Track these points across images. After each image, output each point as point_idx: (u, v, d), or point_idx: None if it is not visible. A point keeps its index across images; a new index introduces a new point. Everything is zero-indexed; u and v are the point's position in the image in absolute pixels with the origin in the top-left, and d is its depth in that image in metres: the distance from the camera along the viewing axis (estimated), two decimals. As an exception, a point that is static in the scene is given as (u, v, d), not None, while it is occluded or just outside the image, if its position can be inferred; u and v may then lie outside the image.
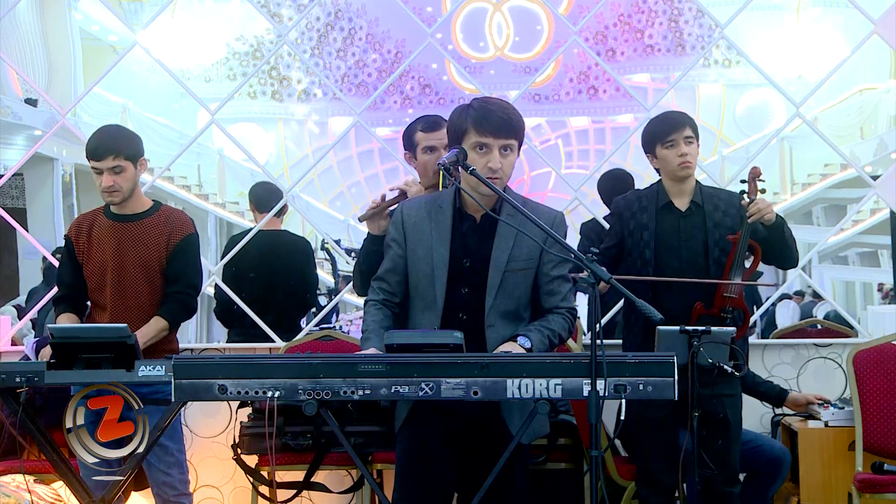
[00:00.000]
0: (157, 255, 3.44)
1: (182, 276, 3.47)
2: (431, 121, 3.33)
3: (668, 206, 3.47)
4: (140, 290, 3.43)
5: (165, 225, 3.47)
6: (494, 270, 2.75)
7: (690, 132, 3.46)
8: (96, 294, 3.48)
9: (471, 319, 2.75)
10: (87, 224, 3.51)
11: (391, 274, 2.85)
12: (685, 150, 3.43)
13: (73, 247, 3.51)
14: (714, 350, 3.12)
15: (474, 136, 2.71)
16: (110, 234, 3.46)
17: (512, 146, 2.74)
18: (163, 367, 2.87)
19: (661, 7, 14.25)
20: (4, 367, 2.91)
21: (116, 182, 3.40)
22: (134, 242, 3.44)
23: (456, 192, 2.81)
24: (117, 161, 3.40)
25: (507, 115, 2.72)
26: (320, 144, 14.66)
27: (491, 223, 2.78)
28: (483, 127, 2.71)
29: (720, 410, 3.35)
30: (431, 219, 2.82)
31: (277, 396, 2.56)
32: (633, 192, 3.64)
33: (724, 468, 3.37)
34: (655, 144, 3.48)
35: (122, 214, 3.49)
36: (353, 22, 14.46)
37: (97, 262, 3.46)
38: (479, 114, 2.72)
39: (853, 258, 16.35)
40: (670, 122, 3.49)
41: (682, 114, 3.56)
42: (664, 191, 3.50)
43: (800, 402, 4.05)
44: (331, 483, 4.05)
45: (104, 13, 13.21)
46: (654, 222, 3.44)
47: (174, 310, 3.45)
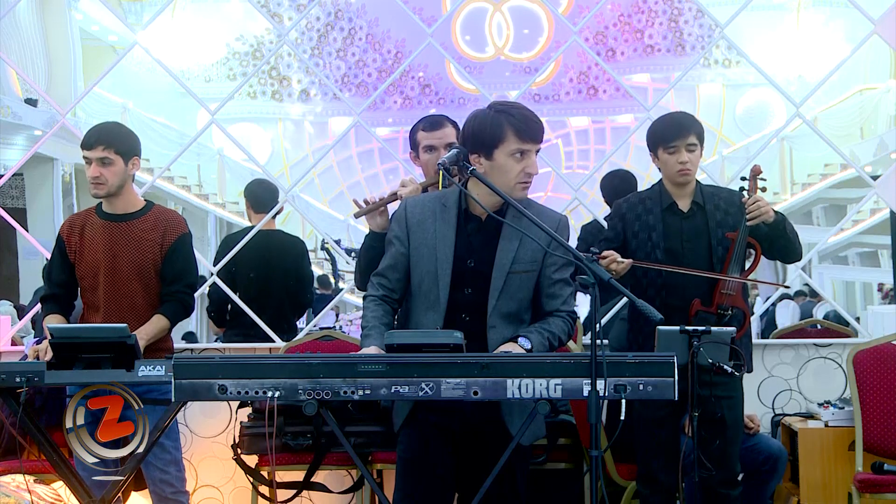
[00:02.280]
0: (150, 256, 3.44)
1: (180, 276, 3.48)
2: (433, 120, 3.33)
3: (671, 207, 3.47)
4: (133, 290, 3.43)
5: (158, 225, 3.47)
6: (498, 272, 2.76)
7: (694, 139, 3.42)
8: (89, 294, 3.47)
9: (473, 320, 2.75)
10: (80, 223, 3.50)
11: (392, 271, 2.85)
12: (686, 157, 3.40)
13: (64, 245, 3.50)
14: (714, 350, 3.12)
15: (514, 143, 2.71)
16: (102, 234, 3.45)
17: (538, 148, 2.78)
18: (163, 367, 2.88)
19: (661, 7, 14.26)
20: (4, 367, 2.91)
21: (103, 174, 3.40)
22: (126, 242, 3.44)
23: (461, 191, 2.82)
24: (106, 153, 3.40)
25: (538, 119, 2.77)
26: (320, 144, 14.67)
27: (496, 224, 2.78)
28: (526, 134, 2.72)
29: (717, 411, 3.35)
30: (436, 218, 2.82)
31: (277, 396, 2.56)
32: (634, 195, 3.62)
33: (723, 469, 3.36)
34: (658, 146, 3.47)
35: (115, 214, 3.48)
36: (353, 22, 14.46)
37: (90, 262, 3.45)
38: (520, 122, 2.72)
39: (853, 258, 16.35)
40: (674, 127, 3.45)
41: (689, 119, 3.51)
42: (667, 192, 3.49)
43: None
44: (331, 483, 4.05)
45: (104, 13, 13.22)
46: (661, 223, 3.44)
47: (174, 309, 3.46)
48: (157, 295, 3.46)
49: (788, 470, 4.04)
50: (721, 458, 3.35)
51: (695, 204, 3.47)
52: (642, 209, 3.48)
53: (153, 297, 3.46)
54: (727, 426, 3.38)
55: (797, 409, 4.37)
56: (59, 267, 3.51)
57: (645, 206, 3.49)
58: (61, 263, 3.50)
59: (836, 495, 3.92)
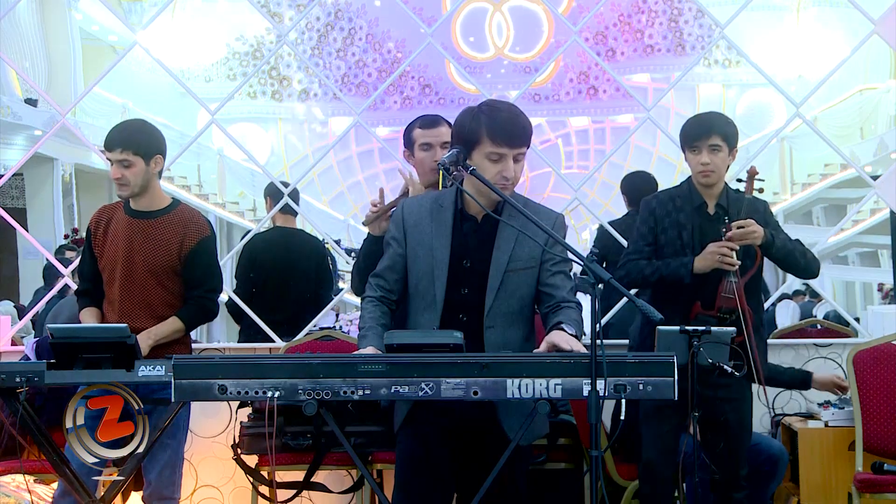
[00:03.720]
0: (167, 256, 3.43)
1: (201, 281, 3.47)
2: (430, 119, 3.33)
3: (701, 206, 3.45)
4: (148, 287, 3.43)
5: (179, 226, 3.46)
6: (495, 271, 2.75)
7: (718, 140, 3.36)
8: (108, 288, 3.49)
9: (470, 320, 2.75)
10: (107, 217, 3.53)
11: (389, 272, 2.85)
12: (707, 158, 3.36)
13: (91, 238, 3.53)
14: (714, 350, 3.12)
15: (489, 146, 2.68)
16: (125, 229, 3.47)
17: (524, 153, 2.73)
18: (163, 367, 2.87)
19: (661, 7, 14.27)
20: (4, 367, 2.91)
21: (124, 175, 3.42)
22: (145, 239, 3.44)
23: (457, 191, 2.81)
24: (125, 155, 3.41)
25: (521, 123, 2.70)
26: (320, 144, 14.68)
27: (492, 224, 2.77)
28: (499, 138, 2.67)
29: (721, 413, 3.34)
30: (433, 218, 2.81)
31: (277, 396, 2.56)
32: (664, 192, 3.59)
33: (727, 472, 3.36)
34: (684, 145, 3.44)
35: (139, 211, 3.49)
36: (353, 22, 14.47)
37: (110, 256, 3.47)
38: (495, 124, 2.68)
39: (853, 258, 16.37)
40: (698, 126, 3.41)
41: (715, 118, 3.44)
42: (697, 191, 3.46)
43: (826, 381, 3.97)
44: (331, 483, 4.04)
45: (104, 13, 13.23)
46: (692, 222, 3.43)
47: (192, 312, 3.46)
48: (176, 295, 3.46)
49: (788, 470, 4.03)
50: (726, 460, 3.35)
51: (719, 206, 3.45)
52: (672, 207, 3.46)
53: (171, 296, 3.45)
54: (732, 428, 3.38)
55: (797, 410, 4.37)
56: (88, 260, 3.54)
57: (675, 204, 3.46)
58: (89, 257, 3.53)
59: (836, 495, 3.92)
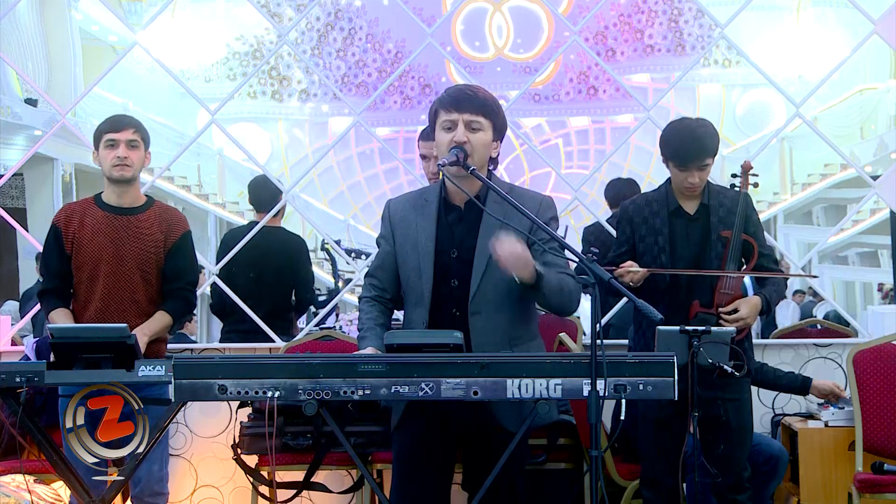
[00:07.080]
0: (153, 251, 3.45)
1: (182, 274, 3.52)
2: (427, 131, 3.38)
3: (677, 210, 3.45)
4: (134, 283, 3.43)
5: (162, 222, 3.49)
6: (480, 256, 2.73)
7: (709, 160, 3.35)
8: (84, 286, 3.45)
9: (462, 314, 2.74)
10: (79, 213, 3.47)
11: (381, 270, 2.87)
12: (696, 178, 3.36)
13: (61, 235, 3.46)
14: (714, 350, 3.12)
15: (443, 115, 2.76)
16: (106, 226, 3.44)
17: (480, 123, 2.73)
18: (163, 367, 2.88)
19: (661, 7, 14.24)
20: (4, 367, 2.91)
21: (130, 156, 3.43)
22: (129, 236, 3.44)
23: (441, 184, 2.83)
24: (135, 136, 3.45)
25: (473, 91, 2.76)
26: (320, 144, 14.65)
27: (477, 212, 2.77)
28: (447, 102, 2.75)
29: (721, 414, 3.34)
30: (417, 212, 2.83)
31: (277, 396, 2.56)
32: (640, 196, 3.59)
33: (728, 473, 3.35)
34: (671, 162, 3.41)
35: (118, 207, 3.48)
36: (353, 22, 14.45)
37: (90, 253, 3.43)
38: (445, 93, 2.79)
39: (853, 258, 16.35)
40: (691, 150, 3.34)
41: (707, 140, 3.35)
42: (673, 195, 3.46)
43: (824, 388, 4.00)
44: (331, 483, 4.04)
45: (104, 13, 13.22)
46: (667, 227, 3.42)
47: (178, 306, 3.49)
48: (156, 291, 3.47)
49: (788, 470, 4.04)
50: (727, 462, 3.34)
51: (702, 206, 3.45)
52: (649, 212, 3.46)
53: (153, 292, 3.47)
54: (732, 430, 3.38)
55: (797, 410, 4.37)
56: (56, 258, 3.48)
57: (651, 208, 3.46)
58: (57, 254, 3.47)
59: (836, 495, 3.92)
